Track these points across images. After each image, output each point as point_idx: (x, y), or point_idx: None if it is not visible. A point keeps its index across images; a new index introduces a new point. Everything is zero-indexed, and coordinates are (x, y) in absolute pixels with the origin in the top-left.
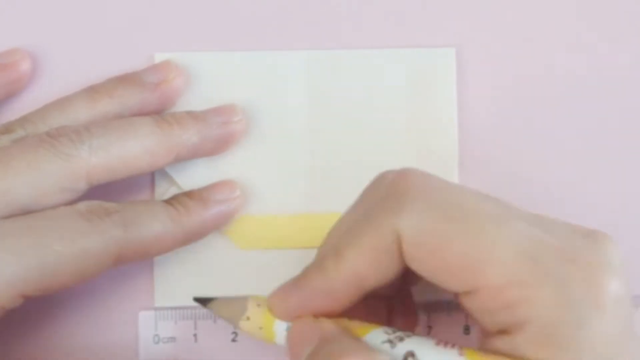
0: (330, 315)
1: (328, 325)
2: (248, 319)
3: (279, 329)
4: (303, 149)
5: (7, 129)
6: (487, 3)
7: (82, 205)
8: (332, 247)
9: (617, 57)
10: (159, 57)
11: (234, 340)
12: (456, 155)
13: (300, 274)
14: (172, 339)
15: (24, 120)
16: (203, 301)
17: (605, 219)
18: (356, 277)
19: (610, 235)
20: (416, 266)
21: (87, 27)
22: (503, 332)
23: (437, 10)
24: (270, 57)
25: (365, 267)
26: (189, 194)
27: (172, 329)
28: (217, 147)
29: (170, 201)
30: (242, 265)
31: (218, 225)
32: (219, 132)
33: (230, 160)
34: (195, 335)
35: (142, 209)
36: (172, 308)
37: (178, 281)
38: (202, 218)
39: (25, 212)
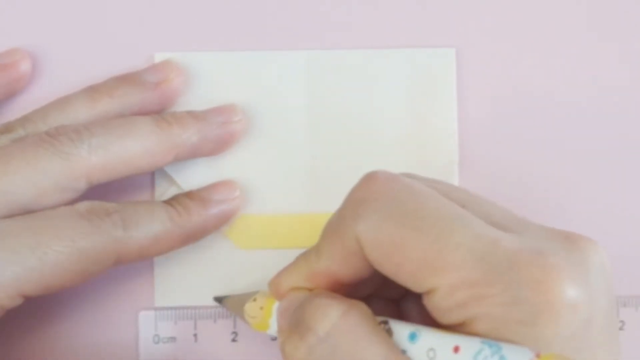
0: None
1: (308, 292)
2: (254, 300)
3: (275, 309)
4: (303, 149)
5: (7, 128)
6: (487, 3)
7: (82, 206)
8: (317, 243)
9: (617, 57)
10: (159, 57)
11: (234, 340)
12: (456, 156)
13: (294, 260)
14: (172, 339)
15: (24, 119)
16: (219, 299)
17: (604, 219)
18: (331, 273)
19: (594, 241)
20: (379, 268)
21: (87, 27)
22: (455, 328)
23: (437, 10)
24: (270, 57)
25: (337, 266)
26: (188, 195)
27: (172, 329)
28: (217, 147)
29: (170, 202)
30: (242, 265)
31: (218, 225)
32: (219, 132)
33: (230, 160)
34: (195, 335)
35: (142, 210)
36: (172, 308)
37: (178, 281)
38: (201, 218)
39: (25, 211)
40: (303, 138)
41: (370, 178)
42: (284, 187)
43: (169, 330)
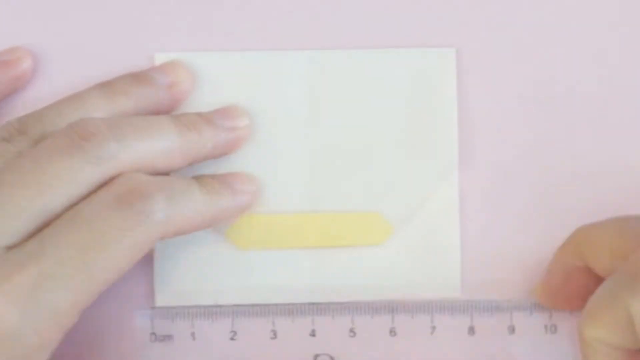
0: None
1: None
2: None
3: None
4: (303, 149)
5: (21, 125)
6: (487, 3)
7: (120, 189)
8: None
9: (618, 56)
10: (159, 57)
11: (232, 339)
12: (456, 156)
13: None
14: (169, 337)
15: (38, 117)
16: None
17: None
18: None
19: None
20: None
21: (88, 27)
22: None
23: (437, 10)
24: (271, 57)
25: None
26: (214, 177)
27: (169, 328)
28: (224, 151)
29: (200, 181)
30: (242, 265)
31: (241, 211)
32: (229, 137)
33: (230, 160)
34: (192, 333)
35: (180, 187)
36: (169, 307)
37: (177, 281)
38: (229, 202)
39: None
40: (303, 138)
41: None
42: (284, 187)
43: (166, 328)
